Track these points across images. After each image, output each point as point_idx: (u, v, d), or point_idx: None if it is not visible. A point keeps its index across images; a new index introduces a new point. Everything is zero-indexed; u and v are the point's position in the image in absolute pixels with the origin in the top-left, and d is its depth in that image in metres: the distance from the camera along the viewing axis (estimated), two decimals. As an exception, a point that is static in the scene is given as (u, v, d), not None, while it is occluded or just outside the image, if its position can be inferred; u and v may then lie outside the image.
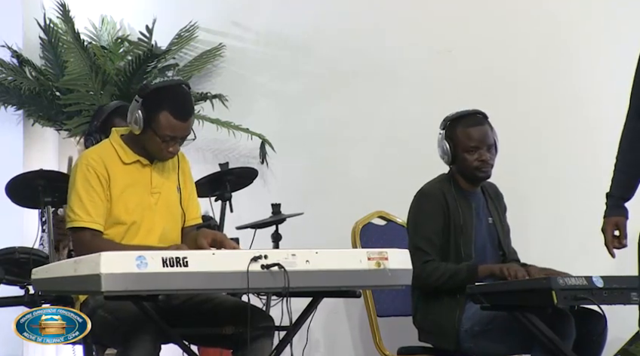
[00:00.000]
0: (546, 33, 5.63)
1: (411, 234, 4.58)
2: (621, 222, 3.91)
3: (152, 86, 4.00)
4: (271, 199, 5.28)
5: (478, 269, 4.41)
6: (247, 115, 6.12)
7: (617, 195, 3.91)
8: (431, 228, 4.51)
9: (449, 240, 4.52)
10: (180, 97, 3.95)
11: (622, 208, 3.91)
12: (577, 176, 5.33)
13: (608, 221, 3.92)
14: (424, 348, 4.66)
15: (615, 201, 3.92)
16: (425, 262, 4.44)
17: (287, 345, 3.70)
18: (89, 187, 3.88)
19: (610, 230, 3.92)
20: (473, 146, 4.55)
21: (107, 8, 6.44)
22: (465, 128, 4.56)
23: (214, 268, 3.37)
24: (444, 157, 4.61)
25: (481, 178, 4.62)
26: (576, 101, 5.52)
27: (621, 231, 3.91)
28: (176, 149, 3.95)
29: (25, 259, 4.62)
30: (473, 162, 4.56)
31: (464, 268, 4.43)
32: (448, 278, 4.41)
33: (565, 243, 5.27)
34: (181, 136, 3.93)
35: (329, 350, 5.81)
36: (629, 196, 3.92)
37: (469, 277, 4.39)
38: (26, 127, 6.20)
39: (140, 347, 3.60)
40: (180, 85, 4.02)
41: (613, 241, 3.92)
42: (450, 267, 4.44)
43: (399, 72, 5.87)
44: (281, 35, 6.16)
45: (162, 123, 3.88)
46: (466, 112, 4.63)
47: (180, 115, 3.89)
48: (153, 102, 3.89)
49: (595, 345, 4.36)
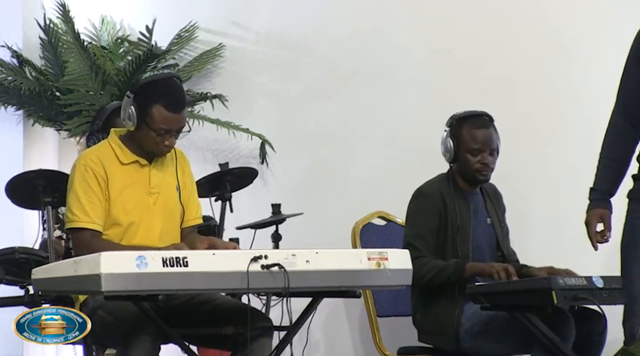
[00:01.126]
0: (545, 33, 5.63)
1: (405, 230, 4.60)
2: (605, 215, 3.90)
3: (142, 81, 3.99)
4: (271, 199, 5.27)
5: (466, 267, 4.41)
6: (247, 115, 6.11)
7: (602, 189, 3.91)
8: (425, 225, 4.52)
9: (446, 240, 4.53)
10: (171, 89, 3.93)
11: (606, 202, 3.91)
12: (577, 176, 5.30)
13: (592, 213, 3.90)
14: (424, 348, 4.66)
15: (600, 194, 3.91)
16: (415, 257, 4.44)
17: (287, 345, 3.71)
18: (87, 188, 3.87)
19: (594, 222, 3.90)
20: (477, 148, 4.56)
21: (107, 8, 6.44)
22: (471, 129, 4.57)
23: (214, 269, 3.37)
24: (445, 154, 4.62)
25: (480, 181, 4.63)
26: (576, 101, 5.52)
27: (605, 225, 3.90)
28: (172, 143, 3.93)
29: (25, 259, 4.61)
30: (475, 164, 4.57)
31: (452, 264, 4.44)
32: (435, 274, 4.42)
33: (565, 244, 5.26)
34: (176, 129, 3.90)
35: (329, 350, 5.81)
36: (613, 191, 3.91)
37: (456, 273, 4.40)
38: (26, 127, 6.19)
39: (140, 347, 3.60)
40: (171, 78, 4.01)
41: (597, 235, 3.91)
42: (439, 263, 4.45)
43: (399, 72, 5.87)
44: (281, 35, 6.16)
45: (156, 116, 3.86)
46: (473, 112, 4.63)
47: (173, 107, 3.87)
48: (145, 96, 3.87)
49: (595, 345, 4.37)
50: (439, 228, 4.53)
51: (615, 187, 3.92)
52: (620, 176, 3.92)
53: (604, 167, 3.93)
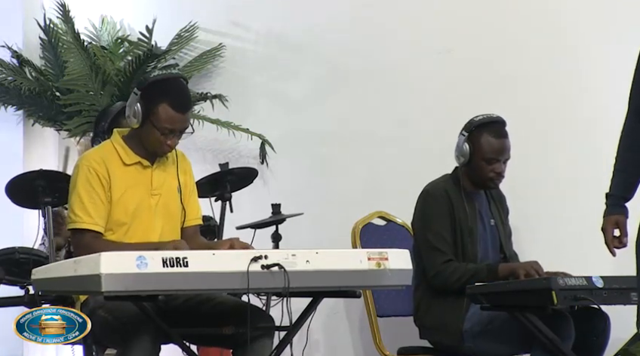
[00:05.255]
0: (547, 33, 5.62)
1: (422, 233, 4.56)
2: (621, 221, 3.90)
3: (150, 79, 3.99)
4: (271, 199, 5.27)
5: (499, 268, 4.41)
6: (247, 115, 6.11)
7: (617, 194, 3.91)
8: (442, 226, 4.52)
9: (455, 241, 4.53)
10: (179, 90, 3.93)
11: (622, 207, 3.90)
12: (579, 176, 5.32)
13: (608, 219, 3.91)
14: (424, 348, 4.66)
15: (615, 200, 3.91)
16: (444, 261, 4.44)
17: (287, 345, 3.71)
18: (90, 188, 3.87)
19: (611, 229, 3.90)
20: (493, 158, 4.56)
21: (107, 8, 6.44)
22: (490, 137, 4.56)
23: (214, 269, 3.37)
24: (460, 158, 4.60)
25: (490, 188, 4.65)
26: (578, 101, 5.52)
27: (621, 230, 3.90)
28: (174, 143, 3.93)
29: (25, 259, 4.61)
30: (489, 172, 4.57)
31: (484, 268, 4.43)
32: (469, 278, 4.40)
33: (565, 244, 5.26)
34: (180, 129, 3.90)
35: (329, 350, 5.81)
36: (629, 196, 3.91)
37: (490, 276, 4.38)
38: (26, 127, 6.20)
39: (140, 347, 3.60)
40: (179, 78, 4.02)
41: (614, 241, 3.91)
42: (471, 267, 4.44)
43: (399, 72, 5.87)
44: (281, 35, 6.16)
45: (161, 115, 3.86)
46: (492, 118, 4.61)
47: (179, 106, 3.87)
48: (152, 94, 3.87)
49: (596, 345, 4.37)
50: (451, 229, 4.53)
51: (631, 191, 3.90)
52: (636, 179, 3.90)
53: (618, 171, 3.91)
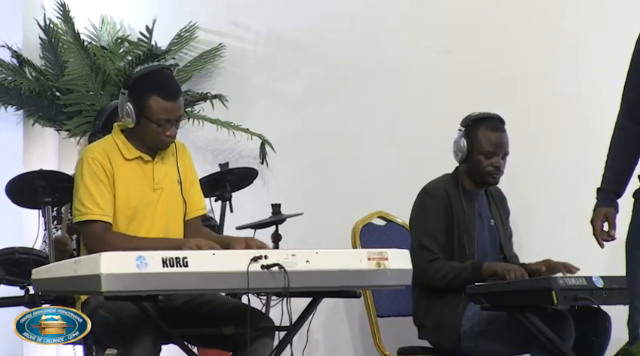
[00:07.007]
0: (547, 33, 5.62)
1: (415, 231, 4.59)
2: (610, 214, 3.92)
3: (134, 75, 3.98)
4: (271, 199, 5.27)
5: (483, 267, 4.42)
6: (247, 115, 6.11)
7: (608, 189, 3.93)
8: (435, 225, 4.52)
9: (452, 240, 4.53)
10: (165, 79, 3.92)
11: (612, 201, 3.93)
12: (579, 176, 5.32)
13: (598, 212, 3.94)
14: (424, 348, 4.67)
15: (606, 194, 3.94)
16: (430, 260, 4.45)
17: (287, 345, 3.71)
18: (97, 179, 3.84)
19: (599, 221, 3.93)
20: (491, 151, 4.57)
21: (107, 8, 6.44)
22: (487, 131, 4.58)
23: (214, 269, 3.37)
24: (457, 154, 4.61)
25: (489, 183, 4.64)
26: (578, 101, 5.52)
27: (610, 223, 3.92)
28: (173, 132, 3.91)
29: (25, 259, 4.61)
30: (487, 167, 4.58)
31: (469, 266, 4.44)
32: (453, 277, 4.42)
33: (565, 244, 5.26)
34: (175, 118, 3.89)
35: (329, 350, 5.81)
36: (620, 191, 3.93)
37: (474, 275, 4.39)
38: (26, 127, 6.20)
39: (140, 347, 3.60)
40: (162, 69, 4.02)
41: (602, 234, 3.93)
42: (455, 265, 4.45)
43: (399, 72, 5.87)
44: (281, 35, 6.16)
45: (154, 108, 3.85)
46: (489, 114, 4.65)
47: (169, 95, 3.86)
48: (140, 90, 3.86)
49: (596, 345, 4.37)
50: (447, 228, 4.53)
51: (621, 187, 3.93)
52: (627, 175, 3.93)
53: (610, 167, 3.94)
